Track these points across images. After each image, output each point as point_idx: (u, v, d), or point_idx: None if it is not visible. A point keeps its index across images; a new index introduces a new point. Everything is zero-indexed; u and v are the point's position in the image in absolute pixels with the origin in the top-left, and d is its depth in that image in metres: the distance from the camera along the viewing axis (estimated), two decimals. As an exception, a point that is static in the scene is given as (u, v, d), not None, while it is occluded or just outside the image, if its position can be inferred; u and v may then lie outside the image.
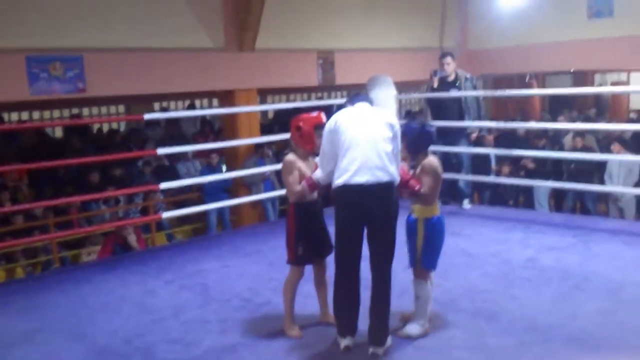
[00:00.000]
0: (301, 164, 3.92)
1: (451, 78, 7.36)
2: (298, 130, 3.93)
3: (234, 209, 8.74)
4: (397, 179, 3.65)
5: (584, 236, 5.92)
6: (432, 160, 3.88)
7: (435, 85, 7.38)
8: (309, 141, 3.91)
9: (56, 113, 12.75)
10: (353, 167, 3.54)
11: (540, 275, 4.88)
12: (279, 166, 8.25)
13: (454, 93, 7.28)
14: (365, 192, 3.54)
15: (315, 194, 3.95)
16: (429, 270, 3.89)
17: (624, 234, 5.96)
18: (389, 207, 3.62)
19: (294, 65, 8.93)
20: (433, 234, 3.85)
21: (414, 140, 3.91)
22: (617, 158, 8.22)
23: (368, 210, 3.57)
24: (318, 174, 3.81)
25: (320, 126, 3.91)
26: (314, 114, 4.00)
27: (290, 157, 3.93)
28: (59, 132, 12.69)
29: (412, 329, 3.84)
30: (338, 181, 3.60)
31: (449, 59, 7.37)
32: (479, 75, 11.16)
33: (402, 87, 8.69)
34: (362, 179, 3.53)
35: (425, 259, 3.84)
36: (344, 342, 3.68)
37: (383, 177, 3.54)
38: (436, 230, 3.86)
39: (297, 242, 3.92)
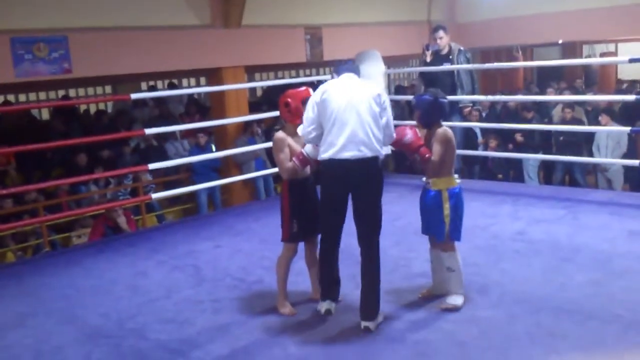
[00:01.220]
0: (291, 141, 3.91)
1: (444, 51, 7.31)
2: (286, 106, 3.93)
3: (224, 188, 8.71)
4: (382, 154, 3.69)
5: (573, 208, 5.95)
6: (446, 130, 3.88)
7: (429, 59, 7.33)
8: (298, 116, 3.90)
9: (42, 95, 12.62)
10: (339, 142, 3.60)
11: (530, 247, 4.92)
12: (269, 144, 8.25)
13: (447, 66, 7.24)
14: (351, 167, 3.60)
15: (307, 170, 3.96)
16: (454, 241, 3.91)
17: (612, 205, 6.00)
18: (373, 181, 3.69)
19: (282, 41, 8.85)
20: (458, 203, 3.87)
21: (427, 112, 3.91)
22: (605, 129, 8.25)
23: (352, 184, 3.65)
24: (308, 148, 3.81)
25: (308, 101, 3.90)
26: (302, 88, 4.00)
27: (280, 134, 3.93)
28: (45, 115, 12.57)
29: (455, 300, 3.87)
30: (324, 155, 3.67)
31: (441, 33, 7.31)
32: (467, 48, 11.12)
33: (390, 61, 8.65)
34: (348, 154, 3.59)
35: (452, 230, 3.87)
36: (324, 306, 3.82)
37: (367, 153, 3.60)
38: (460, 200, 3.88)
39: (291, 219, 3.92)
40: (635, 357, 3.25)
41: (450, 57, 7.26)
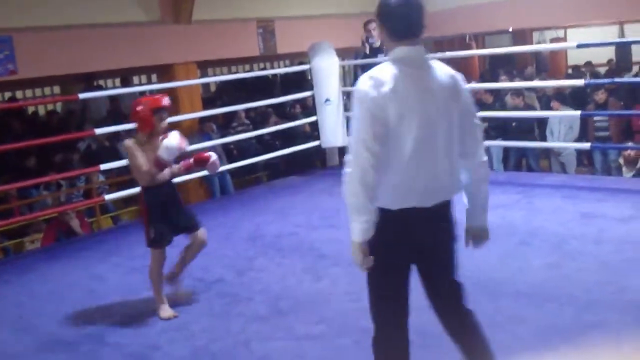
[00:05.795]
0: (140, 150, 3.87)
1: (377, 44, 7.32)
2: (136, 114, 3.89)
3: (180, 187, 8.57)
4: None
5: (528, 192, 6.05)
6: None
7: (368, 51, 7.36)
8: (146, 125, 3.87)
9: (-12, 97, 12.26)
10: (420, 184, 2.56)
11: (487, 233, 4.96)
12: (224, 140, 8.17)
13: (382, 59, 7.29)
14: (428, 219, 2.64)
15: (165, 175, 3.97)
16: None
17: (566, 189, 6.12)
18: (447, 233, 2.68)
19: (234, 35, 8.76)
20: None
21: None
22: (557, 114, 8.40)
23: (424, 244, 2.67)
24: (163, 152, 3.79)
25: (159, 109, 3.87)
26: (158, 95, 3.97)
27: (127, 141, 3.93)
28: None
29: None
30: (385, 203, 2.52)
31: (374, 25, 7.33)
32: (420, 38, 11.16)
33: (343, 53, 8.63)
34: (430, 201, 2.64)
35: None
36: None
37: (449, 195, 2.68)
38: None
39: (149, 225, 3.95)
40: (590, 339, 3.30)
41: (383, 49, 7.29)
